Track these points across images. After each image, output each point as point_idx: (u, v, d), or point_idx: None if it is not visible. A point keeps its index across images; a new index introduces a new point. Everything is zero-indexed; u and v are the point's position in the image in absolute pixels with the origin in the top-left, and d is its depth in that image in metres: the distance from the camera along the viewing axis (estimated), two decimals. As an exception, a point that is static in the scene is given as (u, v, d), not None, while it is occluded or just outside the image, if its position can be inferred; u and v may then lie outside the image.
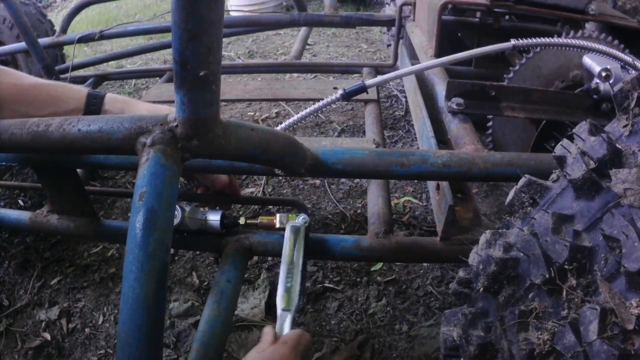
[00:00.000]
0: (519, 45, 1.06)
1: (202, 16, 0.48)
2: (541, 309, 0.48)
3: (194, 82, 0.53)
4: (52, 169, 0.94)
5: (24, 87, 0.85)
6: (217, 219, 0.89)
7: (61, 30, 2.01)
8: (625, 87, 0.52)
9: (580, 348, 0.41)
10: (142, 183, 0.57)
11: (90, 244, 1.61)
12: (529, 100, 1.03)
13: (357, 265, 1.44)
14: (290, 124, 1.05)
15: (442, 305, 1.30)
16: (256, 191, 1.82)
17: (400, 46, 1.86)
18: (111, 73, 2.31)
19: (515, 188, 0.59)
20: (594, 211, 0.48)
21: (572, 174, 0.50)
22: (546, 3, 1.33)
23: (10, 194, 1.88)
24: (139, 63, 3.34)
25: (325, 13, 1.94)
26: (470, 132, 0.99)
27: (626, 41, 1.23)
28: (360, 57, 3.28)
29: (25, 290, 1.46)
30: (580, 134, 0.53)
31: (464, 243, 0.88)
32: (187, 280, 1.43)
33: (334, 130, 2.21)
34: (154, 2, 5.62)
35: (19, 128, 0.67)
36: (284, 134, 0.70)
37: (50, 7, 5.91)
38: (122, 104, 0.89)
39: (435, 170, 0.78)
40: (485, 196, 1.72)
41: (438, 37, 1.39)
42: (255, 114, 2.40)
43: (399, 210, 1.66)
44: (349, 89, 1.10)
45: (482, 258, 0.56)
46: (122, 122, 0.62)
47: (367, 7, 4.40)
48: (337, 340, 1.23)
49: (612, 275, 0.43)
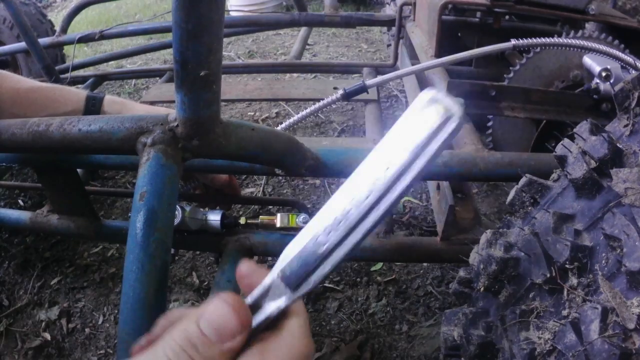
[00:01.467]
0: (519, 45, 1.06)
1: (203, 16, 0.48)
2: (542, 309, 0.48)
3: (195, 82, 0.53)
4: (52, 169, 0.94)
5: (22, 91, 0.85)
6: (217, 219, 0.89)
7: (61, 30, 2.01)
8: (626, 87, 0.52)
9: (581, 347, 0.41)
10: (143, 183, 0.56)
11: (90, 244, 1.60)
12: (529, 100, 1.03)
13: (357, 265, 1.44)
14: (290, 124, 1.05)
15: (442, 305, 1.30)
16: (256, 191, 1.82)
17: (401, 46, 1.85)
18: (111, 73, 2.31)
19: (516, 187, 0.59)
20: (595, 210, 0.48)
21: (573, 174, 0.50)
22: (546, 3, 1.33)
23: (10, 194, 1.88)
24: (139, 63, 3.34)
25: (326, 13, 1.94)
26: (470, 132, 0.99)
27: (626, 41, 1.23)
28: (360, 57, 3.28)
29: (25, 290, 1.46)
30: (581, 134, 0.53)
31: (464, 243, 0.88)
32: (187, 280, 1.43)
33: (334, 130, 2.21)
34: (154, 2, 5.62)
35: (19, 128, 0.67)
36: (284, 134, 0.70)
37: (50, 7, 5.90)
38: (120, 106, 0.90)
39: (436, 170, 0.78)
40: (485, 196, 1.72)
41: (438, 37, 1.39)
42: (255, 114, 2.39)
43: (399, 210, 1.66)
44: (349, 89, 1.10)
45: (482, 257, 0.56)
46: (123, 122, 0.62)
47: (367, 7, 4.40)
48: (337, 340, 1.23)
49: (613, 274, 0.43)
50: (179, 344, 0.32)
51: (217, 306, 0.33)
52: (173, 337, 0.33)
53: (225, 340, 0.32)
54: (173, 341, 0.33)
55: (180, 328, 0.33)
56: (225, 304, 0.33)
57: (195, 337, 0.32)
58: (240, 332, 0.33)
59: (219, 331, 0.32)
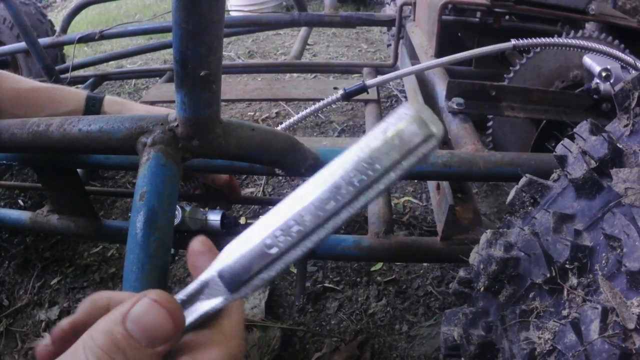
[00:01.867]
0: (519, 45, 1.06)
1: (203, 16, 0.48)
2: (542, 309, 0.48)
3: (195, 82, 0.53)
4: (52, 169, 0.94)
5: (22, 91, 0.85)
6: (217, 219, 0.89)
7: (61, 30, 2.01)
8: (626, 86, 0.52)
9: (581, 347, 0.41)
10: (143, 183, 0.56)
11: (90, 244, 1.60)
12: (529, 100, 1.03)
13: (357, 265, 1.44)
14: (290, 124, 1.05)
15: (442, 305, 1.30)
16: (256, 191, 1.82)
17: (401, 46, 1.86)
18: (111, 73, 2.31)
19: (516, 187, 0.59)
20: (595, 210, 0.48)
21: (573, 174, 0.50)
22: (546, 3, 1.33)
23: (10, 194, 1.88)
24: (139, 63, 3.34)
25: (326, 13, 1.94)
26: (470, 132, 0.99)
27: (626, 41, 1.23)
28: (360, 57, 3.28)
29: (25, 290, 1.46)
30: (581, 134, 0.53)
31: (464, 243, 0.88)
32: (187, 280, 1.43)
33: (334, 130, 2.21)
34: (154, 2, 5.62)
35: (19, 128, 0.67)
36: (284, 134, 0.70)
37: (50, 7, 5.90)
38: (120, 106, 0.90)
39: (436, 170, 0.78)
40: (485, 196, 1.72)
41: (438, 37, 1.39)
42: (255, 114, 2.39)
43: (399, 210, 1.66)
44: (349, 89, 1.10)
45: (482, 257, 0.56)
46: (123, 122, 0.62)
47: (367, 7, 4.40)
48: (337, 340, 1.23)
49: (613, 274, 0.43)
50: (102, 348, 0.29)
51: (147, 307, 0.30)
52: (95, 339, 0.29)
53: (157, 345, 0.30)
54: (95, 344, 0.29)
55: (103, 329, 0.30)
56: (158, 305, 0.30)
57: (123, 341, 0.29)
58: (173, 336, 0.30)
59: (150, 335, 0.29)
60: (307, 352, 1.21)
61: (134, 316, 0.30)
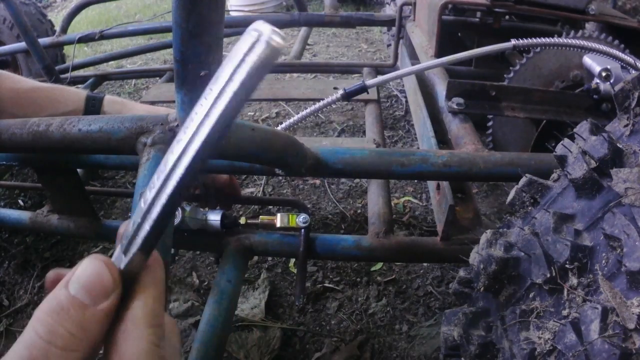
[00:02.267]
0: (519, 45, 1.06)
1: (203, 16, 0.48)
2: (542, 309, 0.48)
3: (195, 82, 0.53)
4: (52, 169, 0.94)
5: (22, 91, 0.86)
6: (217, 219, 0.89)
7: (61, 30, 2.01)
8: (626, 86, 0.52)
9: (581, 347, 0.41)
10: (143, 183, 0.57)
11: (90, 244, 1.60)
12: (529, 100, 1.03)
13: (357, 265, 1.44)
14: (290, 124, 1.05)
15: (442, 305, 1.30)
16: (256, 191, 1.82)
17: (401, 46, 1.86)
18: (111, 73, 2.31)
19: (516, 187, 0.59)
20: (595, 210, 0.48)
21: (573, 174, 0.50)
22: (546, 3, 1.33)
23: (10, 194, 1.88)
24: (139, 63, 3.34)
25: (326, 13, 1.94)
26: (470, 132, 0.99)
27: (626, 41, 1.23)
28: (360, 57, 3.28)
29: (25, 290, 1.46)
30: (581, 134, 0.53)
31: (464, 243, 0.88)
32: (187, 280, 1.43)
33: (334, 130, 2.21)
34: (154, 2, 5.62)
35: (19, 128, 0.67)
36: (284, 134, 0.70)
37: (50, 7, 5.90)
38: (120, 106, 0.90)
39: (436, 170, 0.78)
40: (485, 196, 1.72)
41: (438, 37, 1.39)
42: (255, 114, 2.40)
43: (399, 210, 1.66)
44: (349, 89, 1.10)
45: (482, 257, 0.56)
46: (123, 122, 0.62)
47: (367, 7, 4.40)
48: (337, 340, 1.23)
49: (613, 274, 0.43)
50: (48, 314, 0.29)
51: (86, 265, 0.30)
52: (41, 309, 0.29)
53: (99, 301, 0.29)
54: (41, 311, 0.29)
55: (49, 298, 0.30)
56: (96, 260, 0.31)
57: (66, 302, 0.29)
58: (113, 289, 0.30)
59: (91, 291, 0.29)
60: (307, 352, 1.21)
61: (76, 276, 0.30)
